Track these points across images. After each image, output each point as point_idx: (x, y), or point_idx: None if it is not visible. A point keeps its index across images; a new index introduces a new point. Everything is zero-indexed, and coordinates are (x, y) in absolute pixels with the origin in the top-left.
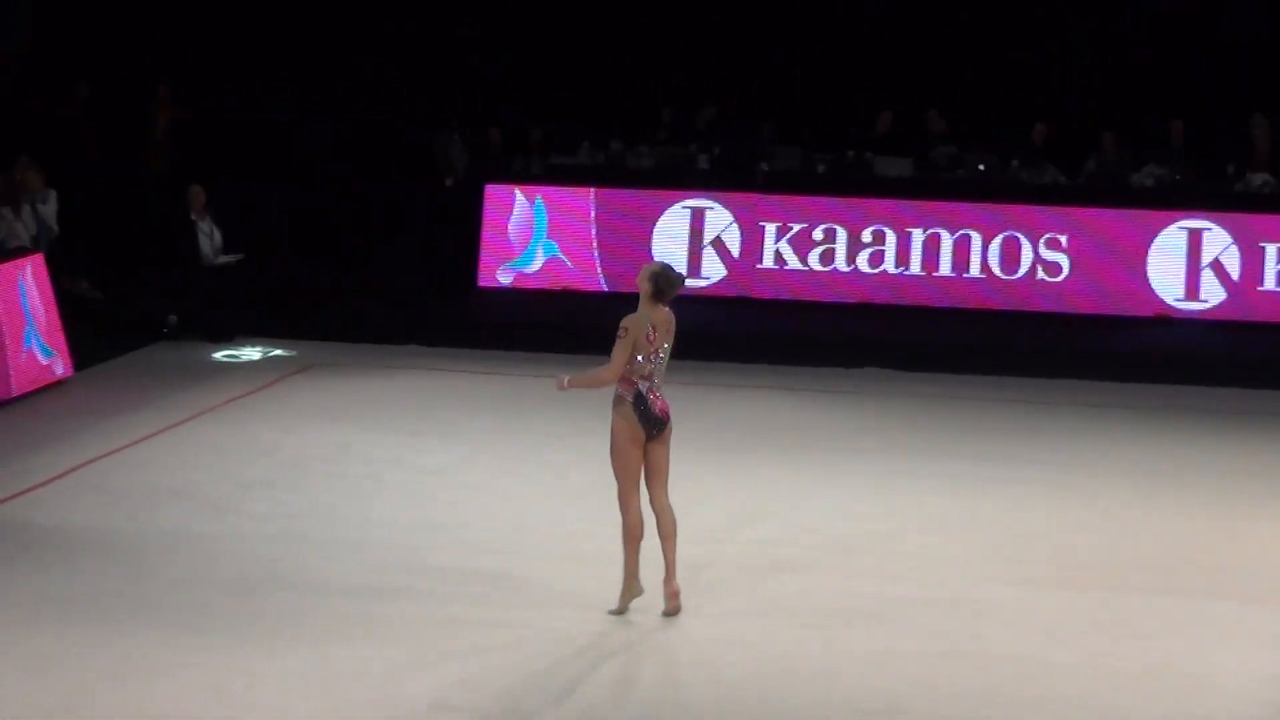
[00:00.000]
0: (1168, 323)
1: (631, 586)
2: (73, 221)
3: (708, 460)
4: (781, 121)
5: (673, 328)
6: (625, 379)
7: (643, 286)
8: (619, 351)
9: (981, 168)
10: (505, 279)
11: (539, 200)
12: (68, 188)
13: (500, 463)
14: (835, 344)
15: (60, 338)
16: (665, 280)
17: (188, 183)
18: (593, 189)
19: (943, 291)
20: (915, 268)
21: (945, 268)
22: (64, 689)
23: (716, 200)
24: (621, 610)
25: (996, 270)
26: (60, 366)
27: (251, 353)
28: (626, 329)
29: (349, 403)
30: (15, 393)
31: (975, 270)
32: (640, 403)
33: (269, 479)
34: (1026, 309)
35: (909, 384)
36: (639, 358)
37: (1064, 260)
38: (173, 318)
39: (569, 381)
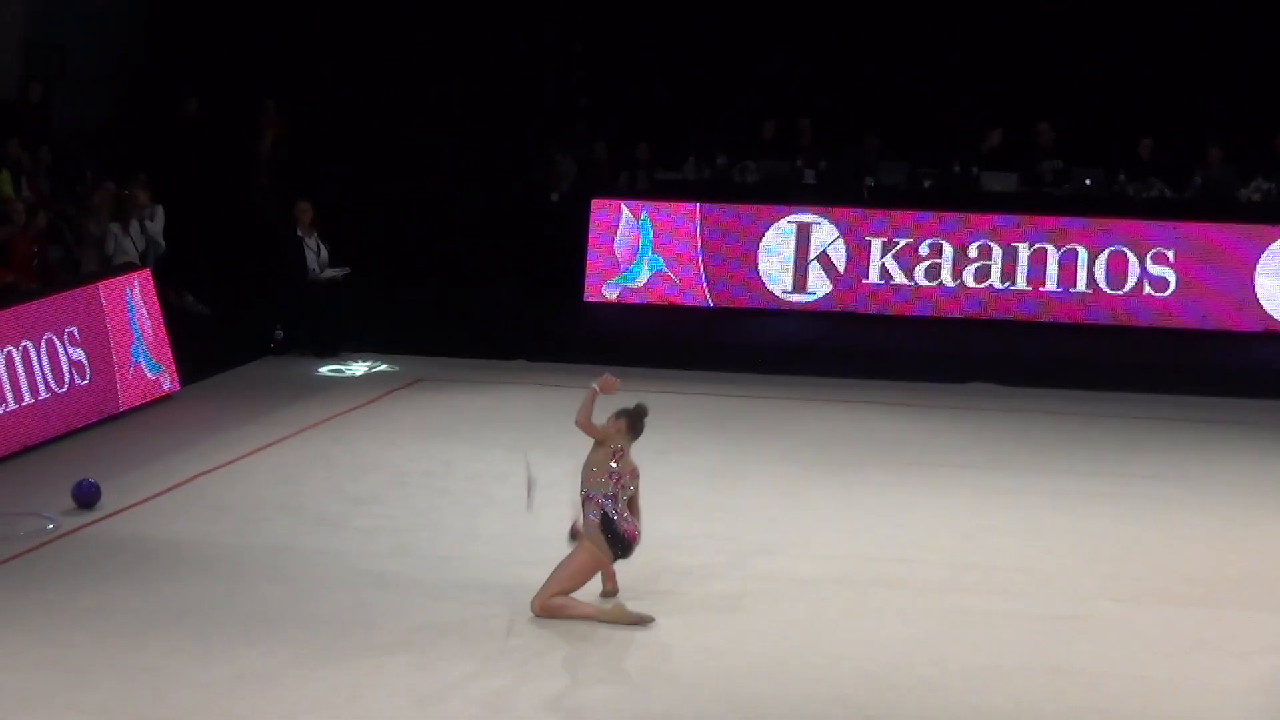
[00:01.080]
0: (1276, 338)
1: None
2: (180, 237)
3: (813, 475)
4: (888, 136)
5: (637, 475)
6: (590, 498)
7: (617, 426)
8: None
9: (1088, 182)
10: (611, 294)
11: (644, 215)
12: (175, 204)
13: None
14: (941, 359)
15: (167, 353)
16: (637, 417)
17: (294, 198)
18: (698, 204)
19: (1049, 307)
20: (1021, 283)
21: (1051, 283)
22: (176, 702)
23: (822, 215)
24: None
25: (1103, 285)
26: (167, 381)
27: (357, 368)
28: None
29: (454, 418)
30: (123, 407)
31: (1082, 285)
32: (607, 525)
33: (375, 494)
34: (1133, 324)
35: (1015, 399)
36: (603, 475)
37: (1171, 275)
38: (279, 333)
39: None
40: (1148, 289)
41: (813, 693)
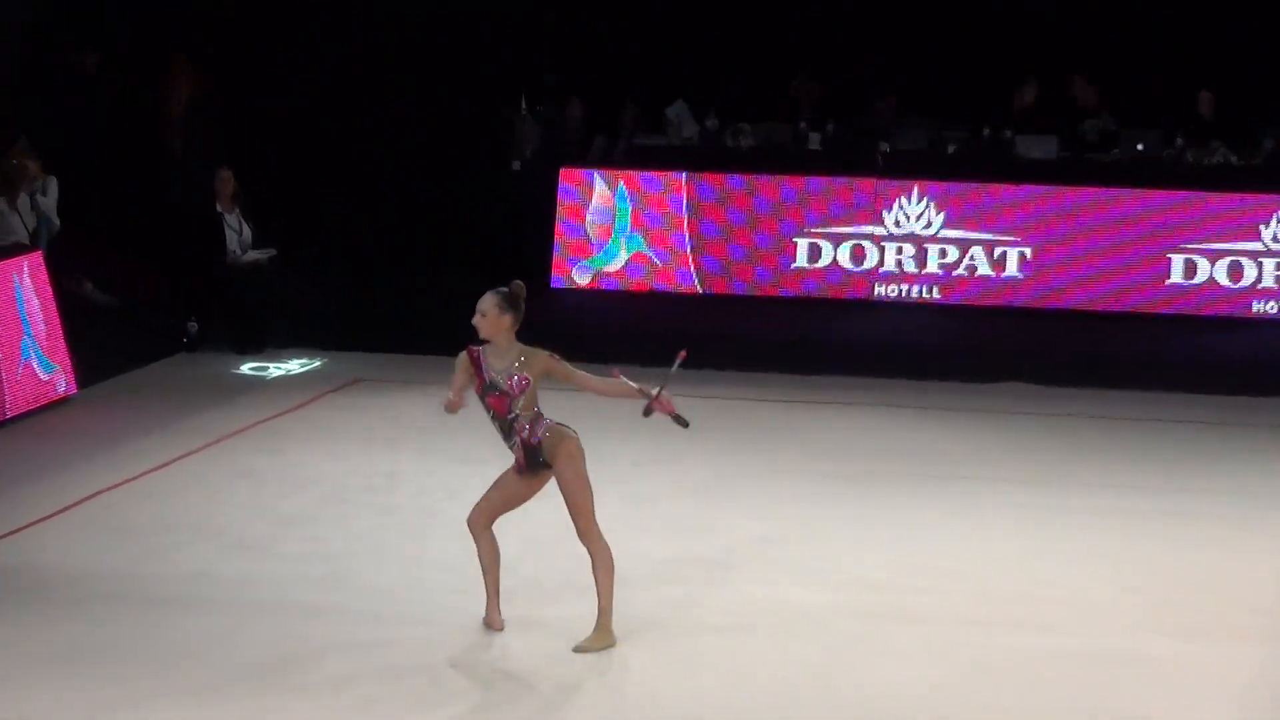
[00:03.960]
0: None
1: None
2: (78, 214)
3: (820, 491)
4: (905, 94)
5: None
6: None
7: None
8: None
9: (1140, 147)
10: (582, 278)
11: (622, 187)
12: (72, 174)
13: None
14: (970, 354)
15: (63, 349)
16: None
17: (213, 167)
18: (684, 174)
19: (1095, 293)
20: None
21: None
22: None
23: (829, 186)
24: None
25: (1161, 269)
26: (63, 382)
27: (286, 366)
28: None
29: (398, 425)
30: (10, 413)
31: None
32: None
33: (307, 514)
34: (1197, 313)
35: (1055, 401)
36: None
37: (1242, 257)
38: (193, 325)
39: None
40: (1213, 273)
41: None
